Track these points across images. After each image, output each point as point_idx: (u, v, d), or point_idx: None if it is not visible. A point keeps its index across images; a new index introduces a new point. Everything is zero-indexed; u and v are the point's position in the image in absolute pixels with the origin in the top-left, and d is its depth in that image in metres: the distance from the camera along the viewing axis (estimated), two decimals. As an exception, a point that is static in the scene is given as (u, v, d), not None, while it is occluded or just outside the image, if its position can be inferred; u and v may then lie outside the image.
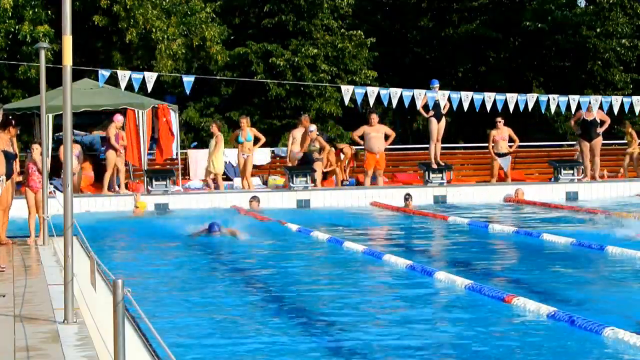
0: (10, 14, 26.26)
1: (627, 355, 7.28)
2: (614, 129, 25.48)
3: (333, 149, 24.58)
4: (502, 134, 23.86)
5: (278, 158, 25.61)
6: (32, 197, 14.14)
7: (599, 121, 23.73)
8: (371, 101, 22.40)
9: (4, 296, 9.23)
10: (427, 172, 22.91)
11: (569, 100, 23.06)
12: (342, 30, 32.83)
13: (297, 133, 23.38)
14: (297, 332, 8.49)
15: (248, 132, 22.74)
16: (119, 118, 22.07)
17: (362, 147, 23.72)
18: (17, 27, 26.33)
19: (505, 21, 36.99)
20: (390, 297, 10.41)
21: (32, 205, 14.17)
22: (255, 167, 24.17)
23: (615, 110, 23.78)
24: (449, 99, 22.75)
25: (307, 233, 15.66)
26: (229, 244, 14.54)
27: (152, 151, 23.81)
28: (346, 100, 23.89)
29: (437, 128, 23.27)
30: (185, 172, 25.09)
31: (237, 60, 31.65)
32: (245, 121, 23.04)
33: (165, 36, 27.66)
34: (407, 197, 21.16)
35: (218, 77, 29.15)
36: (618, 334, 7.56)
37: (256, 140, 22.85)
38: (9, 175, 13.61)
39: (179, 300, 10.15)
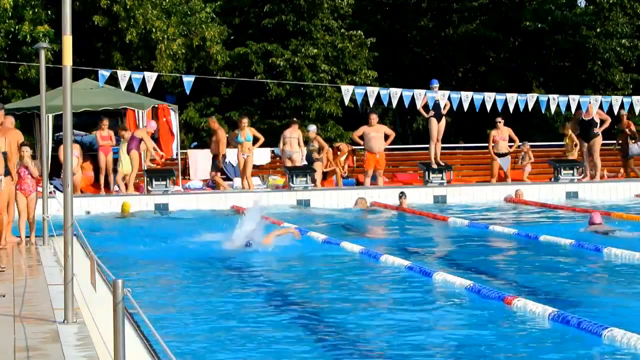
0: (10, 14, 26.27)
1: (626, 356, 7.28)
2: (614, 128, 25.49)
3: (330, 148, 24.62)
4: (502, 134, 23.88)
5: (278, 158, 25.63)
6: (24, 201, 14.08)
7: (597, 121, 23.75)
8: (371, 101, 22.41)
9: (4, 296, 9.23)
10: (427, 172, 22.92)
11: (569, 100, 23.08)
12: (342, 30, 32.83)
13: (288, 133, 23.41)
14: (297, 333, 8.48)
15: (247, 132, 22.75)
16: (152, 125, 22.23)
17: (362, 147, 23.73)
18: (17, 27, 26.33)
19: (505, 21, 36.99)
20: (389, 298, 10.40)
21: (22, 208, 14.11)
22: (255, 167, 24.18)
23: (615, 110, 23.82)
24: (449, 99, 22.77)
25: (304, 233, 15.65)
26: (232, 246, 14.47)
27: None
28: (346, 100, 23.91)
29: (437, 128, 23.28)
30: (185, 172, 25.09)
31: (237, 60, 31.65)
32: (245, 121, 23.05)
33: (165, 36, 27.67)
34: (401, 195, 21.11)
35: (218, 77, 29.15)
36: (617, 334, 7.56)
37: (255, 140, 22.85)
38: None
39: (179, 300, 10.16)
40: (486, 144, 24.63)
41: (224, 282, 11.61)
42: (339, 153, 24.75)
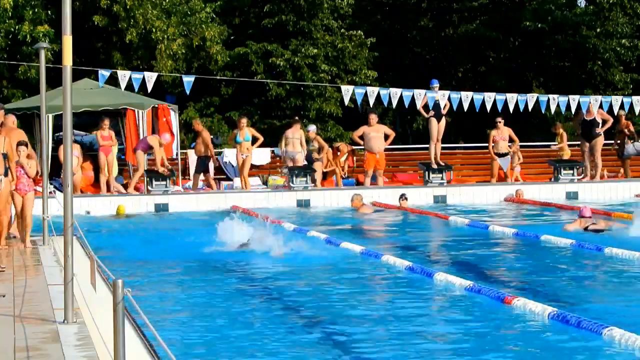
0: (10, 14, 26.27)
1: (626, 356, 7.28)
2: (614, 128, 25.50)
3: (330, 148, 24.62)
4: (502, 134, 23.88)
5: (278, 158, 25.62)
6: (20, 201, 14.05)
7: (599, 121, 23.76)
8: (371, 101, 22.42)
9: (4, 296, 9.23)
10: (427, 172, 22.93)
11: (569, 100, 23.10)
12: (342, 30, 32.84)
13: (290, 133, 23.38)
14: (298, 333, 8.49)
15: (246, 132, 22.75)
16: (167, 137, 22.29)
17: (362, 147, 23.73)
18: (17, 27, 26.33)
19: (505, 21, 36.99)
20: (388, 297, 10.41)
21: (18, 209, 14.09)
22: (255, 167, 24.16)
23: (615, 110, 23.83)
24: (449, 99, 22.78)
25: (304, 233, 15.65)
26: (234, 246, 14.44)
27: (151, 151, 23.82)
28: (346, 100, 23.91)
29: (437, 128, 23.29)
30: (185, 172, 25.07)
31: (237, 60, 31.65)
32: (244, 121, 23.05)
33: (165, 36, 27.67)
34: (402, 196, 21.07)
35: (218, 77, 29.15)
36: (617, 334, 7.57)
37: (254, 140, 22.86)
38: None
39: (180, 300, 10.16)
40: (486, 144, 24.63)
41: (224, 282, 11.60)
42: (338, 153, 24.76)
